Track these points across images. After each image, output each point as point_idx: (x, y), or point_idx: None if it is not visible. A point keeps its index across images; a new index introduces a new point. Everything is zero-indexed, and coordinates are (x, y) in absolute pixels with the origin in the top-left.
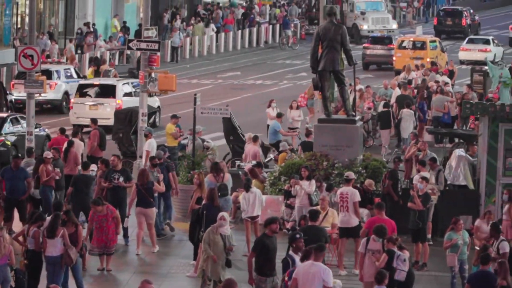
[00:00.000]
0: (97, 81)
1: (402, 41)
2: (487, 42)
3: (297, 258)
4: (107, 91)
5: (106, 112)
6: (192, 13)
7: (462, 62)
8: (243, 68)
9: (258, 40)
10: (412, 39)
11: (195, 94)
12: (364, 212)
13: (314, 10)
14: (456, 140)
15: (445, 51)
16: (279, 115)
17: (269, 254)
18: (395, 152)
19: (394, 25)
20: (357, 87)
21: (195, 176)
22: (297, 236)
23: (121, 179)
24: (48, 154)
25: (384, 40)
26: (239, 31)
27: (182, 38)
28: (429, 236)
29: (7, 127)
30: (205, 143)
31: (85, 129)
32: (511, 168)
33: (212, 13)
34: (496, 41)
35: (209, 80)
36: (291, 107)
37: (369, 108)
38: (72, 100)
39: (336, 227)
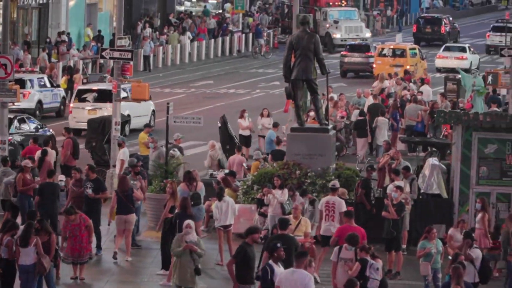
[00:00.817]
0: (95, 86)
1: (382, 49)
2: (463, 49)
3: (276, 267)
4: (105, 96)
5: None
6: (165, 22)
7: (438, 70)
8: (216, 77)
9: (231, 49)
10: (392, 46)
11: (168, 103)
12: None
13: (287, 19)
14: (430, 149)
15: (425, 58)
16: (275, 125)
17: (250, 262)
18: (368, 161)
19: (368, 34)
20: (330, 96)
21: (168, 185)
22: (278, 245)
23: (90, 190)
24: (28, 163)
25: (361, 48)
26: (212, 40)
27: (153, 47)
28: (404, 246)
29: (15, 126)
30: (171, 151)
31: (83, 133)
32: (484, 176)
33: (182, 22)
34: (472, 49)
35: (182, 89)
36: (261, 115)
37: (342, 117)
38: (71, 105)
39: (309, 236)
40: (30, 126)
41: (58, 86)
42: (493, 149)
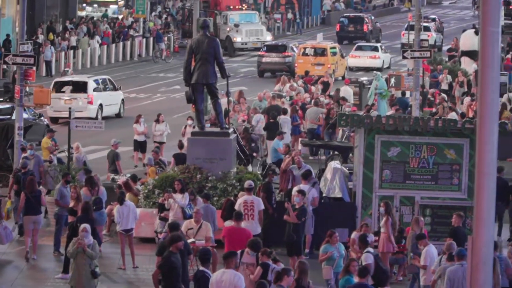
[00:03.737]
0: (70, 78)
1: (305, 48)
2: (375, 49)
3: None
4: (80, 87)
5: (79, 105)
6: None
7: (351, 69)
8: (117, 82)
9: (131, 53)
10: (313, 46)
11: (70, 108)
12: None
13: (187, 23)
14: (331, 152)
15: (344, 57)
16: (280, 133)
17: (176, 271)
18: (269, 164)
19: (268, 37)
20: (230, 99)
21: (71, 190)
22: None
23: None
24: None
25: (279, 48)
26: (113, 45)
27: (53, 52)
28: (307, 250)
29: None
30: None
31: (60, 121)
32: (387, 180)
33: (77, 28)
34: (384, 48)
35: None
36: (157, 121)
37: (243, 121)
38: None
39: (210, 240)
40: (28, 115)
41: None
42: (396, 152)
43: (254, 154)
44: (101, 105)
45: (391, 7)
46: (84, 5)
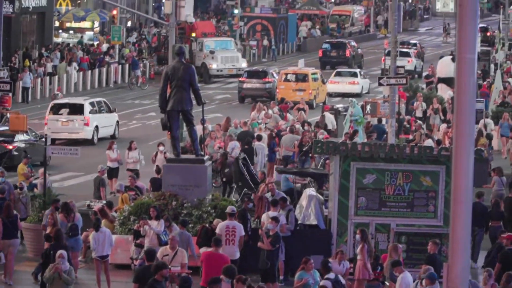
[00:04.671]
0: (67, 100)
1: (286, 74)
2: (354, 74)
3: None
4: (76, 109)
5: (75, 127)
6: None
7: (330, 95)
8: None
9: (107, 80)
10: (295, 72)
11: (46, 135)
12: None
13: (163, 49)
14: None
15: (325, 82)
16: (291, 162)
17: None
18: (244, 191)
19: (244, 64)
20: (206, 126)
21: (48, 216)
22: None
23: None
24: None
25: (259, 74)
26: (89, 71)
27: (32, 78)
28: (281, 277)
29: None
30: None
31: (57, 142)
32: (363, 207)
33: (51, 54)
34: (363, 74)
35: None
36: (129, 148)
37: (220, 147)
38: (47, 117)
39: (185, 267)
40: (31, 136)
41: None
42: (372, 179)
43: (224, 179)
44: (97, 126)
45: (367, 33)
46: (60, 31)
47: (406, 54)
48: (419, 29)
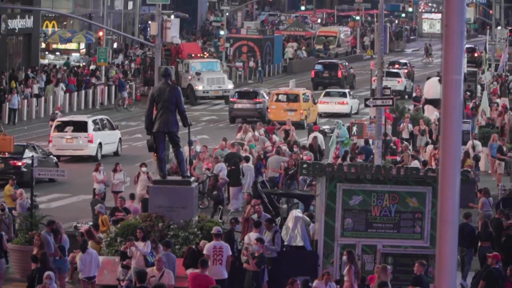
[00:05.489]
0: (70, 118)
1: (278, 94)
2: (343, 95)
3: None
4: (81, 127)
5: (79, 144)
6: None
7: (320, 115)
8: None
9: (94, 101)
10: (286, 92)
11: (33, 156)
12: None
13: (149, 71)
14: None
15: (316, 103)
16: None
17: None
18: (231, 213)
19: (230, 85)
20: (192, 148)
21: (35, 237)
22: None
23: None
24: None
25: (250, 95)
26: (75, 93)
27: (19, 99)
28: None
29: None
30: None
31: (62, 159)
32: (349, 228)
33: (36, 75)
34: (352, 94)
35: (45, 142)
36: (114, 170)
37: (207, 169)
38: (51, 134)
39: None
40: (39, 153)
41: None
42: (358, 200)
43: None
44: (100, 143)
45: (353, 54)
46: (47, 52)
47: (396, 75)
48: (405, 50)
